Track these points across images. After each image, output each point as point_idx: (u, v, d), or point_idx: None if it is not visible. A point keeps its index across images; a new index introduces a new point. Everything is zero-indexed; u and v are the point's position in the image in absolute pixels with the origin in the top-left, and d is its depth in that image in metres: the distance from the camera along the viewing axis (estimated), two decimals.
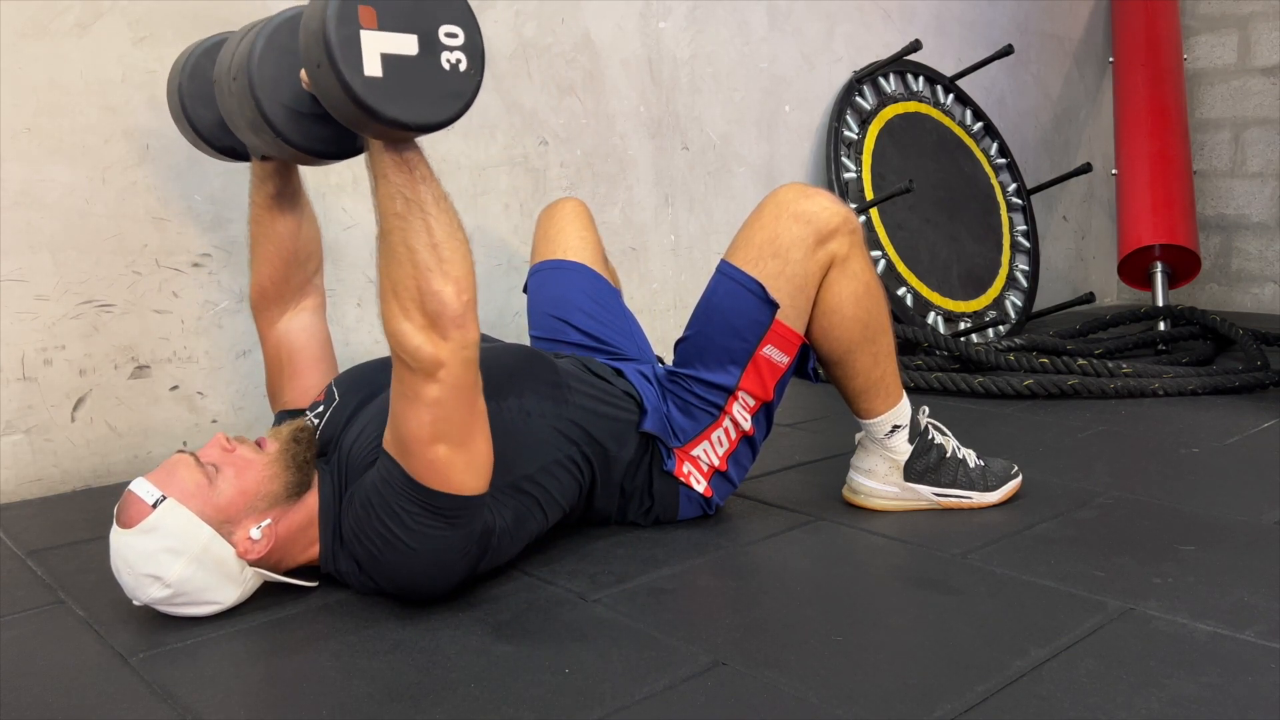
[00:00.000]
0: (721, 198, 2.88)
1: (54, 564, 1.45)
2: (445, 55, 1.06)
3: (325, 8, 1.00)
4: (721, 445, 1.51)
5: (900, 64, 3.31)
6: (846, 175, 3.05)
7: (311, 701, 1.04)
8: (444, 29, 1.06)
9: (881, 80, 3.26)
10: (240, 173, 1.99)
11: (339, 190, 2.14)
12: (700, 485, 1.51)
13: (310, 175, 2.09)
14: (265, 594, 1.27)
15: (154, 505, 1.14)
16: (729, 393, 1.47)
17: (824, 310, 1.47)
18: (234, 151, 1.48)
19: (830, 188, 3.02)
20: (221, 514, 1.18)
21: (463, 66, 1.07)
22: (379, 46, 1.01)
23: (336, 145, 1.22)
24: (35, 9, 1.75)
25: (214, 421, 1.99)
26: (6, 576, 1.41)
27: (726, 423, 1.49)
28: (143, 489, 1.16)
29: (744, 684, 1.06)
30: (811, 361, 1.54)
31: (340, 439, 1.32)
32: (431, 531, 1.16)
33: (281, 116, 1.16)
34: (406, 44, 1.03)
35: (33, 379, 1.79)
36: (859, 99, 3.17)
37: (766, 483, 1.77)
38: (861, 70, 3.20)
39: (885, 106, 3.23)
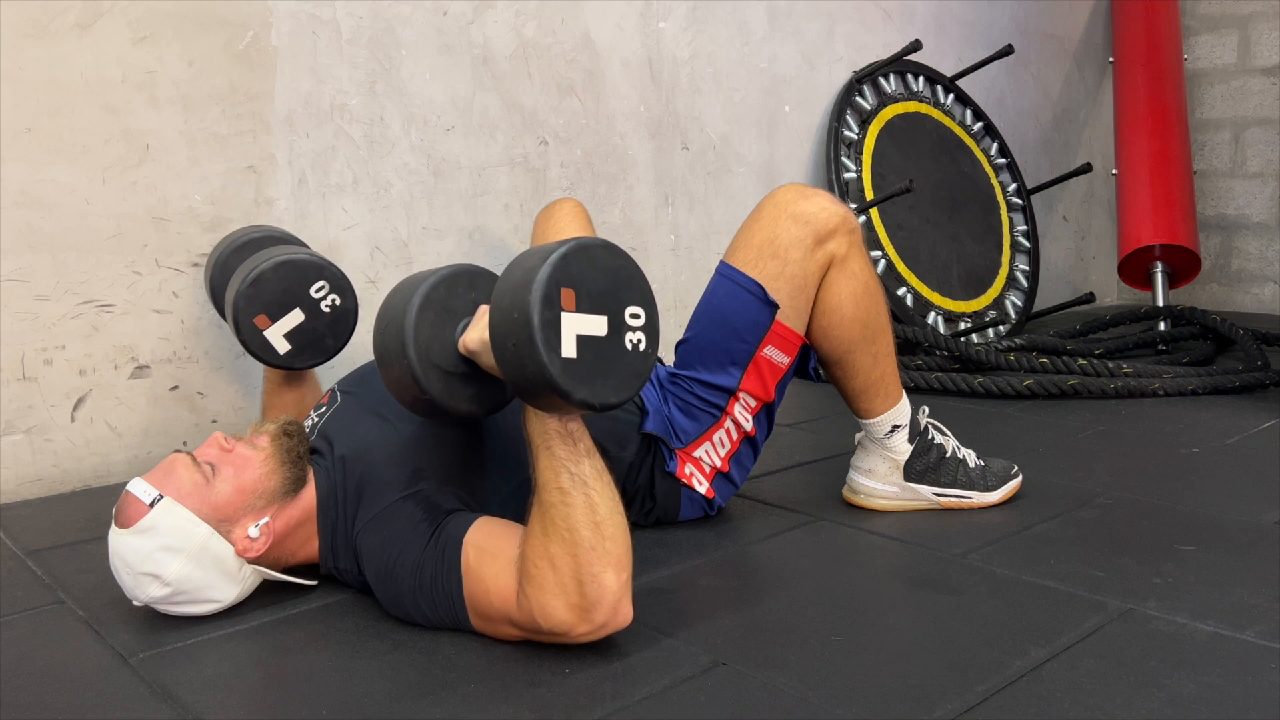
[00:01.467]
0: (721, 198, 2.88)
1: (54, 564, 1.44)
2: (629, 336, 1.07)
3: (530, 290, 0.99)
4: (723, 446, 1.51)
5: (900, 64, 3.31)
6: (846, 175, 3.05)
7: (311, 701, 1.04)
8: (629, 310, 1.07)
9: (881, 80, 3.26)
10: (240, 173, 1.99)
11: (339, 190, 2.14)
12: (702, 486, 1.51)
13: (310, 175, 2.09)
14: (265, 594, 1.27)
15: (151, 504, 1.14)
16: (730, 394, 1.47)
17: (823, 310, 1.47)
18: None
19: (830, 188, 3.02)
20: (219, 512, 1.18)
21: (642, 347, 1.08)
22: (575, 328, 1.02)
23: (478, 405, 1.18)
24: (35, 9, 1.75)
25: (214, 421, 1.99)
26: (6, 576, 1.41)
27: (728, 424, 1.49)
28: (140, 489, 1.16)
29: (744, 684, 1.06)
30: (812, 361, 1.54)
31: (347, 439, 1.31)
32: (442, 624, 1.18)
33: (434, 378, 1.13)
34: (598, 325, 1.04)
35: (33, 379, 1.79)
36: (859, 99, 3.17)
37: (767, 483, 1.77)
38: (861, 70, 3.20)
39: (885, 106, 3.23)
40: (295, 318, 1.56)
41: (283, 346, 1.56)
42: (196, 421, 1.97)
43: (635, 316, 1.08)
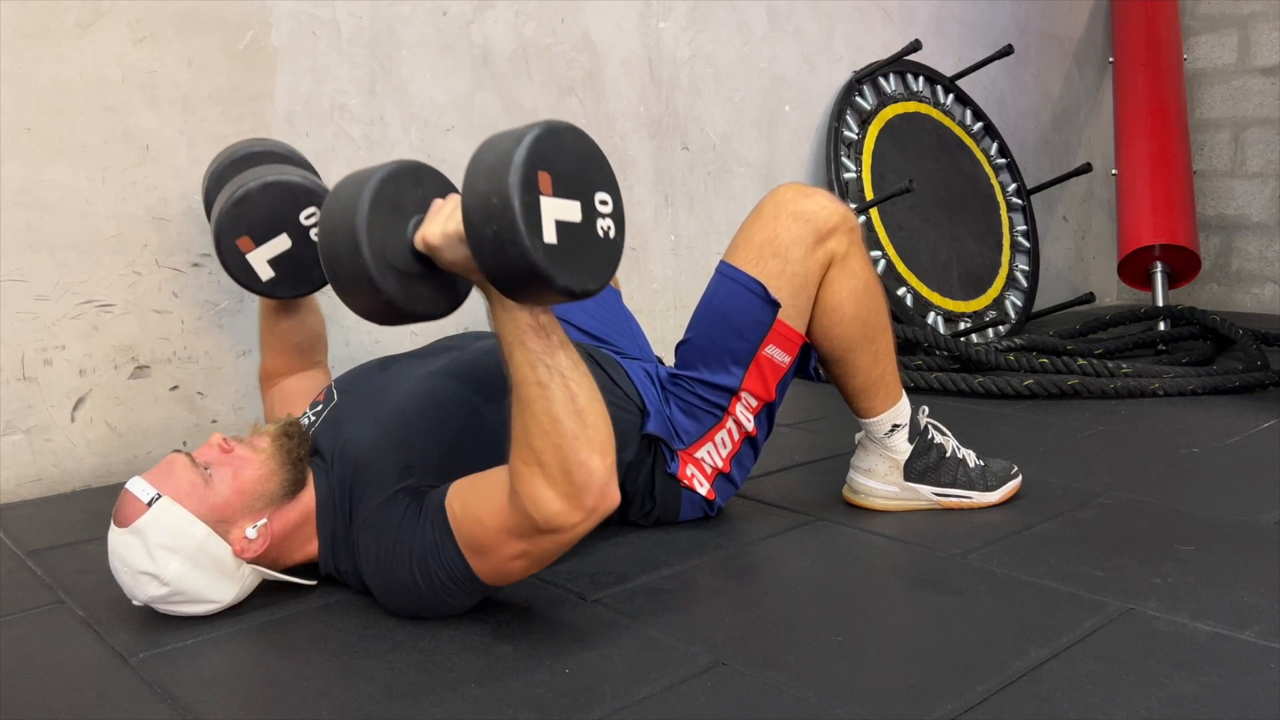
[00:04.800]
0: (721, 198, 2.88)
1: (54, 564, 1.44)
2: (600, 222, 1.05)
3: (506, 173, 0.97)
4: (725, 446, 1.51)
5: (900, 64, 3.31)
6: (846, 175, 3.05)
7: (311, 701, 1.04)
8: (599, 195, 1.06)
9: (881, 80, 3.26)
10: None
11: None
12: (703, 488, 1.51)
13: None
14: (264, 594, 1.27)
15: (149, 504, 1.14)
16: (732, 393, 1.47)
17: (824, 309, 1.47)
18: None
19: (830, 188, 3.02)
20: (217, 513, 1.18)
21: (612, 234, 1.07)
22: (554, 213, 0.99)
23: (434, 306, 1.13)
24: (35, 9, 1.75)
25: (214, 421, 1.99)
26: (6, 576, 1.41)
27: (730, 424, 1.49)
28: (138, 488, 1.16)
29: (744, 684, 1.06)
30: (812, 361, 1.54)
31: (342, 439, 1.31)
32: (452, 597, 1.18)
33: (391, 279, 1.07)
34: (573, 211, 1.02)
35: (33, 379, 1.79)
36: (859, 99, 3.17)
37: (767, 483, 1.77)
38: (861, 70, 3.20)
39: (885, 106, 3.23)
40: (281, 243, 1.47)
41: (266, 273, 1.47)
42: (196, 421, 1.97)
43: (604, 203, 1.06)
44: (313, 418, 1.38)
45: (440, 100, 2.28)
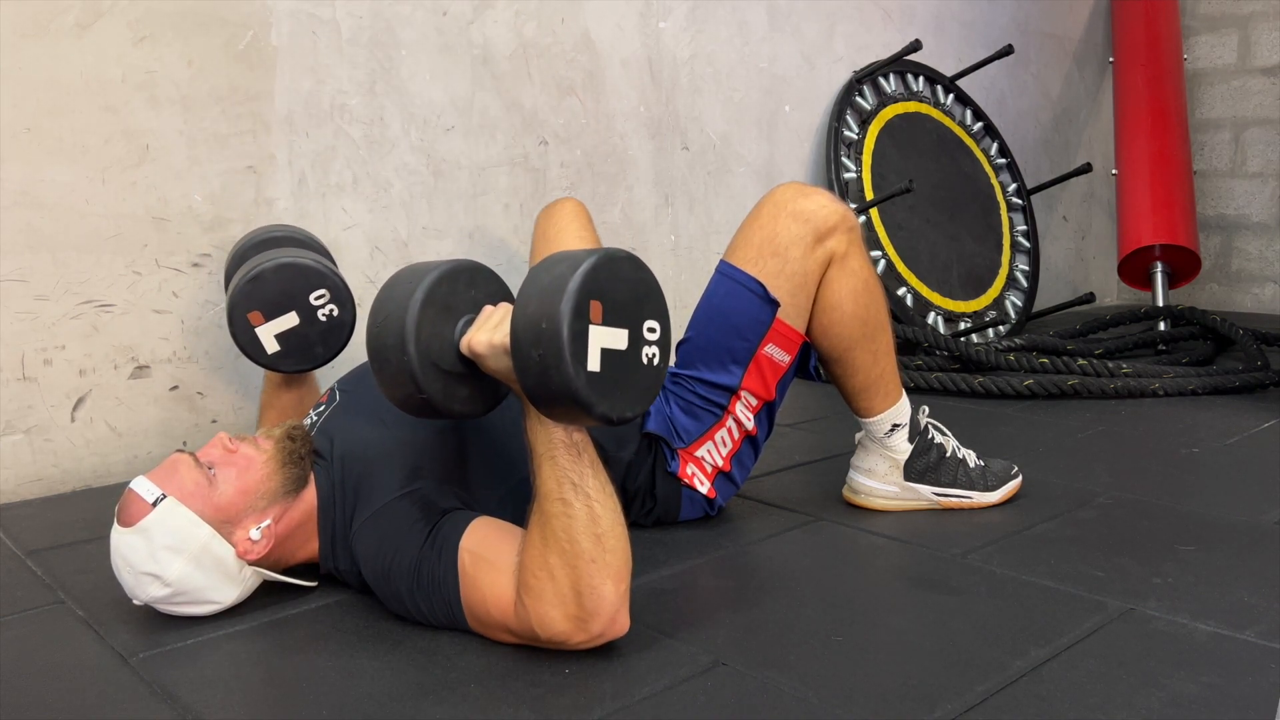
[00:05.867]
0: (721, 198, 2.88)
1: (54, 564, 1.44)
2: (645, 350, 1.06)
3: (559, 300, 0.98)
4: (725, 445, 1.51)
5: (900, 64, 3.31)
6: (846, 175, 3.05)
7: (311, 701, 1.04)
8: (648, 323, 1.06)
9: (881, 80, 3.26)
10: (240, 173, 1.99)
11: (339, 190, 2.14)
12: (704, 486, 1.51)
13: (310, 175, 2.09)
14: (265, 594, 1.27)
15: (154, 504, 1.14)
16: (732, 392, 1.47)
17: (824, 308, 1.47)
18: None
19: (830, 188, 3.02)
20: (221, 514, 1.18)
21: (656, 361, 1.08)
22: (600, 342, 1.01)
23: (471, 406, 1.15)
24: (35, 9, 1.75)
25: (214, 421, 1.99)
26: (6, 576, 1.41)
27: (730, 423, 1.49)
28: (143, 487, 1.16)
29: (744, 684, 1.06)
30: (813, 361, 1.54)
31: (345, 438, 1.31)
32: (441, 624, 1.18)
33: (432, 378, 1.09)
34: (620, 339, 1.03)
35: (33, 379, 1.79)
36: (859, 99, 3.17)
37: (766, 483, 1.77)
38: (861, 70, 3.20)
39: (885, 106, 3.23)
40: (289, 320, 1.56)
41: (271, 346, 1.56)
42: (196, 421, 1.97)
43: (652, 330, 1.07)
44: (315, 418, 1.38)
45: (440, 100, 2.28)
